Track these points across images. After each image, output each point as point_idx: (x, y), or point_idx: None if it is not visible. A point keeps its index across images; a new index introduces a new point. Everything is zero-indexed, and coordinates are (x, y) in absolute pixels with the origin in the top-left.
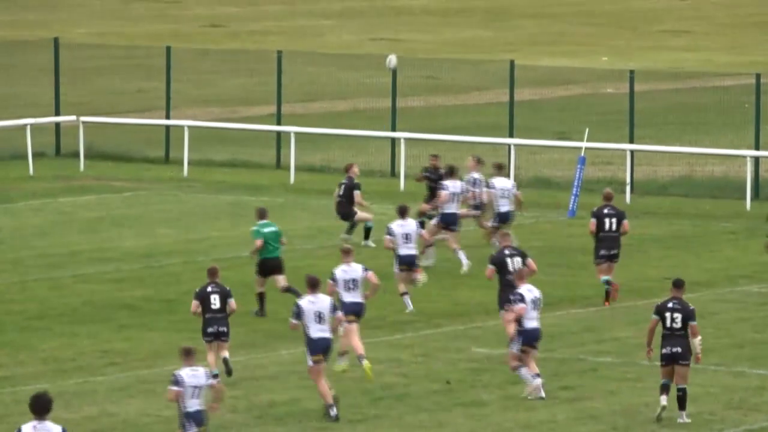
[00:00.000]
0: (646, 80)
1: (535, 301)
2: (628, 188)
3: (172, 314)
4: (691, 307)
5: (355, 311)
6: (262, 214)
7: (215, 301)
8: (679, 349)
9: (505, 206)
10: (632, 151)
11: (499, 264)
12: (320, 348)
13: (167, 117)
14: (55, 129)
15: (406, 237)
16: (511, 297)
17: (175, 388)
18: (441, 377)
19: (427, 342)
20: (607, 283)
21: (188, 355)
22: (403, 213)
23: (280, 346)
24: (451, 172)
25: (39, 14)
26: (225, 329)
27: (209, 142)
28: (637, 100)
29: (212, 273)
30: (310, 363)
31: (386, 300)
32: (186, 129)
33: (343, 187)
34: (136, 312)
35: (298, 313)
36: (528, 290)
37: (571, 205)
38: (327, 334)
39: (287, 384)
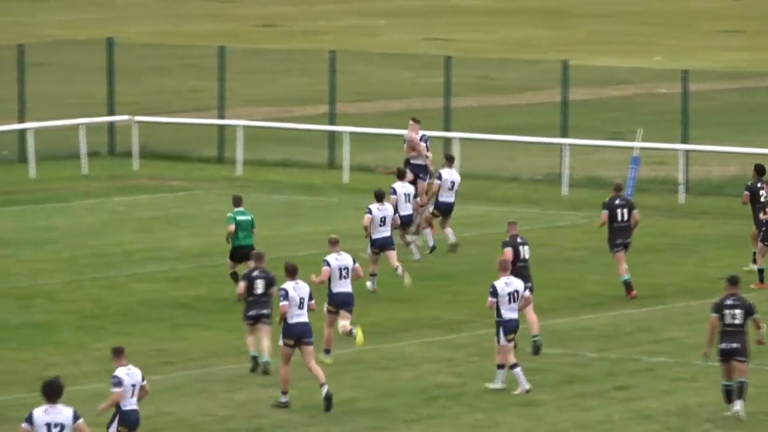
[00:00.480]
0: (699, 80)
1: (513, 294)
2: (682, 188)
3: (227, 313)
4: (750, 302)
5: (344, 301)
6: (236, 201)
7: (259, 286)
8: (737, 345)
9: (449, 197)
10: (686, 151)
11: (514, 249)
12: (295, 333)
13: (221, 117)
14: (109, 128)
15: (383, 221)
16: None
17: (118, 389)
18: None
19: (481, 341)
20: (627, 283)
21: (119, 355)
22: (380, 198)
23: (336, 345)
24: (450, 160)
25: (93, 14)
26: (266, 311)
27: (263, 141)
28: (691, 100)
29: (258, 258)
30: (281, 344)
31: (443, 300)
32: (240, 129)
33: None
34: (190, 311)
35: (286, 296)
36: (505, 283)
37: None
38: (305, 319)
39: (342, 383)
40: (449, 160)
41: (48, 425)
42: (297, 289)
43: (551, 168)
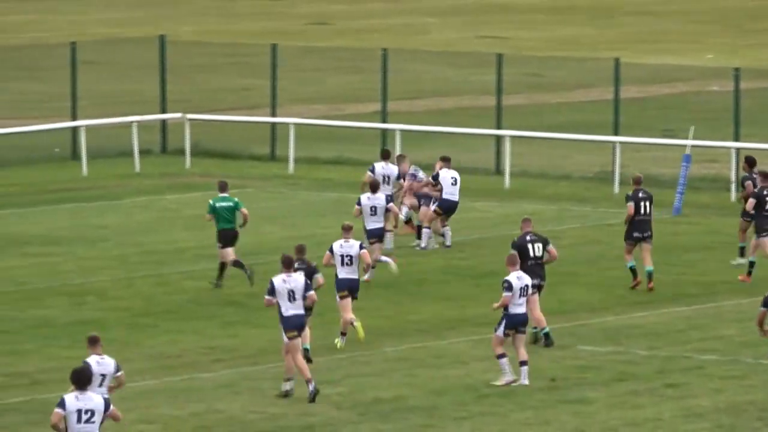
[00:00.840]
0: (751, 78)
1: (523, 289)
2: (733, 186)
3: (274, 311)
4: None
5: (349, 287)
6: (222, 187)
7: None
8: None
9: (453, 196)
10: (737, 149)
11: (521, 249)
12: (293, 325)
13: (273, 114)
14: (162, 126)
15: (374, 210)
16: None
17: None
18: (546, 375)
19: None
20: (633, 270)
21: (94, 344)
22: (374, 189)
23: (386, 342)
24: (446, 160)
25: (144, 11)
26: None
27: (314, 139)
28: (742, 98)
29: (300, 250)
30: (286, 340)
31: (490, 298)
32: (291, 126)
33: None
34: (241, 309)
35: (272, 290)
36: (517, 278)
37: (676, 203)
38: (300, 311)
39: (392, 381)
40: (446, 161)
41: (79, 412)
42: (288, 281)
43: (603, 166)
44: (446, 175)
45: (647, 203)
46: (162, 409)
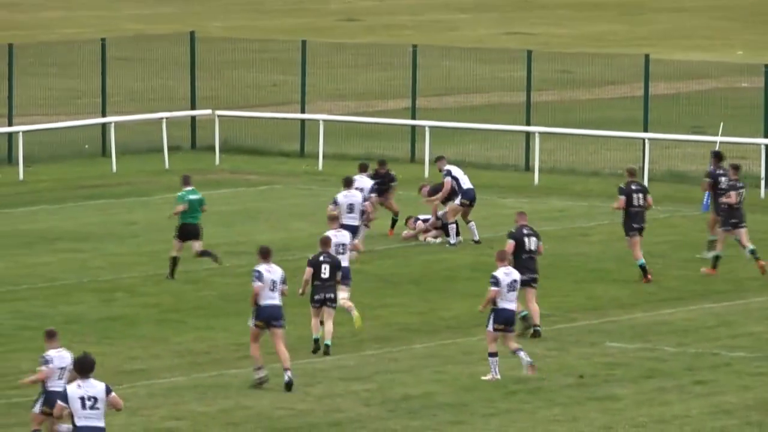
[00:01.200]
0: None
1: (511, 284)
2: (762, 183)
3: (305, 307)
4: None
5: (343, 275)
6: (186, 180)
7: (325, 271)
8: None
9: (471, 184)
10: (767, 146)
11: (518, 242)
12: (266, 315)
13: (302, 111)
14: (191, 123)
15: (350, 207)
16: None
17: (45, 368)
18: (574, 371)
19: (561, 336)
20: (643, 268)
21: (51, 338)
22: (348, 184)
23: (415, 339)
24: (440, 158)
25: (174, 8)
26: (332, 295)
27: (344, 135)
28: None
29: (325, 243)
30: (251, 325)
31: (519, 295)
32: (321, 123)
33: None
34: None
35: (260, 277)
36: (505, 273)
37: (705, 200)
38: (276, 302)
39: (421, 377)
40: (440, 159)
41: (82, 399)
42: (271, 271)
43: (632, 162)
44: (456, 168)
45: (640, 195)
46: (191, 405)
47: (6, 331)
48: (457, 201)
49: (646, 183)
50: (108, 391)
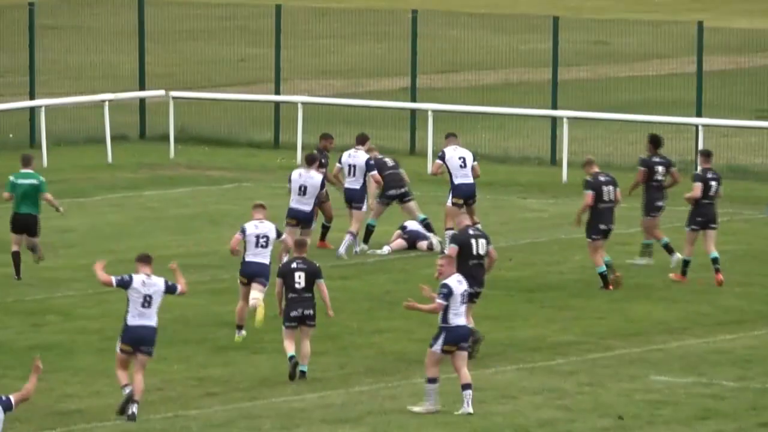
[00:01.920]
0: None
1: (463, 295)
2: None
3: (278, 333)
4: None
5: (260, 272)
6: (26, 161)
7: (300, 280)
8: None
9: (467, 178)
10: None
11: (463, 246)
12: (132, 338)
13: (277, 92)
14: (140, 106)
15: (302, 190)
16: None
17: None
18: (613, 412)
19: (594, 368)
20: (609, 266)
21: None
22: (310, 162)
23: (415, 371)
24: (450, 136)
25: None
26: (311, 312)
27: (329, 121)
28: None
29: (299, 246)
30: (118, 350)
31: (545, 316)
32: (300, 106)
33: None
34: (233, 331)
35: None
36: (458, 281)
37: None
38: (148, 322)
39: (423, 420)
40: (450, 136)
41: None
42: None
43: (683, 153)
44: (453, 155)
45: (610, 188)
46: None
47: None
48: (449, 200)
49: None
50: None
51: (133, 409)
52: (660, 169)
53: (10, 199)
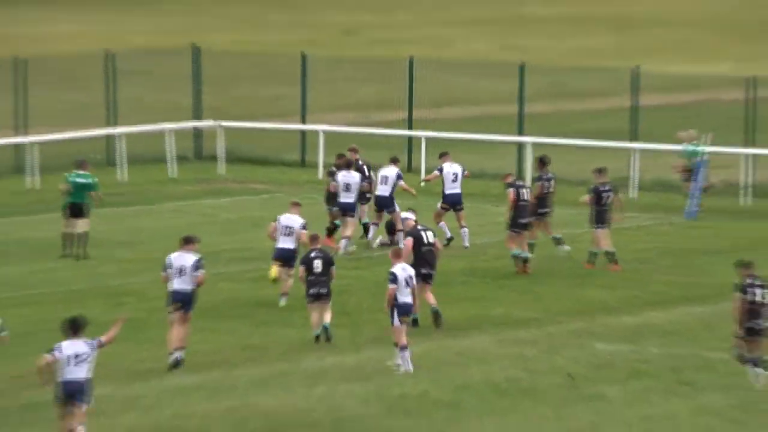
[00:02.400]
0: (767, 86)
1: (407, 279)
2: (747, 191)
3: (305, 310)
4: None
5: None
6: (79, 164)
7: (318, 266)
8: (762, 323)
9: (456, 189)
10: (751, 155)
11: (416, 237)
12: (176, 299)
13: (303, 122)
14: (196, 134)
15: (347, 187)
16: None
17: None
18: (564, 372)
19: (550, 338)
20: (520, 256)
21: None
22: (348, 166)
23: (412, 341)
24: (445, 155)
25: (178, 22)
26: (326, 290)
27: (343, 145)
28: (759, 106)
29: (314, 239)
30: (169, 311)
31: (511, 298)
32: (321, 134)
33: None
34: (273, 309)
35: (166, 266)
36: (402, 269)
37: (690, 208)
38: (186, 287)
39: (417, 378)
40: (444, 155)
41: (69, 357)
42: (179, 258)
43: (621, 171)
44: (449, 170)
45: (525, 191)
46: (198, 404)
47: (21, 334)
48: (439, 204)
49: (634, 192)
50: (95, 345)
51: (177, 355)
52: (550, 182)
53: (67, 191)
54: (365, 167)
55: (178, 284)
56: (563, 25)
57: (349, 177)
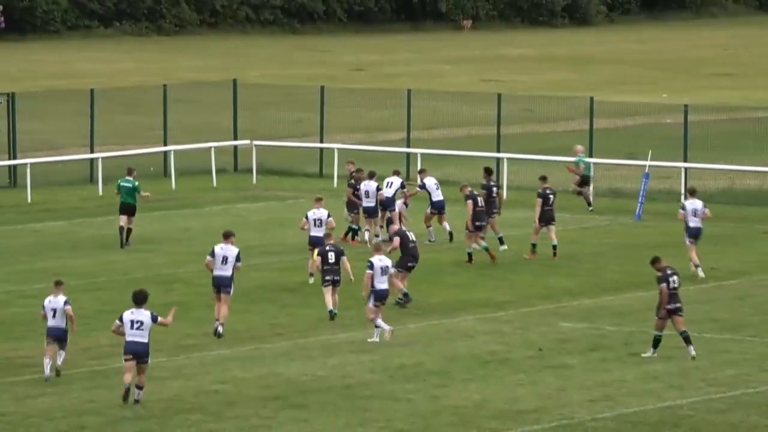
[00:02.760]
0: (697, 113)
1: (383, 268)
2: (683, 198)
3: (321, 297)
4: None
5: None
6: (128, 172)
7: (331, 257)
8: (679, 304)
9: (440, 197)
10: (686, 169)
11: (403, 236)
12: (217, 283)
13: (321, 141)
14: (234, 150)
15: (367, 194)
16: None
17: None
18: (535, 345)
19: (524, 318)
20: (487, 249)
21: (57, 285)
22: (371, 176)
23: (409, 320)
24: (422, 171)
25: (221, 60)
26: (338, 277)
27: (354, 160)
28: (690, 128)
29: (327, 236)
30: (214, 292)
31: (491, 285)
32: (336, 150)
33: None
34: (295, 294)
35: (211, 254)
36: (379, 259)
37: (637, 211)
38: (226, 273)
39: (414, 351)
40: (423, 171)
41: (132, 321)
42: (224, 249)
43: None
44: (431, 183)
45: (480, 199)
46: (234, 372)
47: (89, 315)
48: (428, 210)
49: (592, 198)
50: (154, 319)
51: (219, 330)
52: (493, 190)
53: (119, 195)
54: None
55: (220, 270)
56: (533, 63)
57: (369, 185)
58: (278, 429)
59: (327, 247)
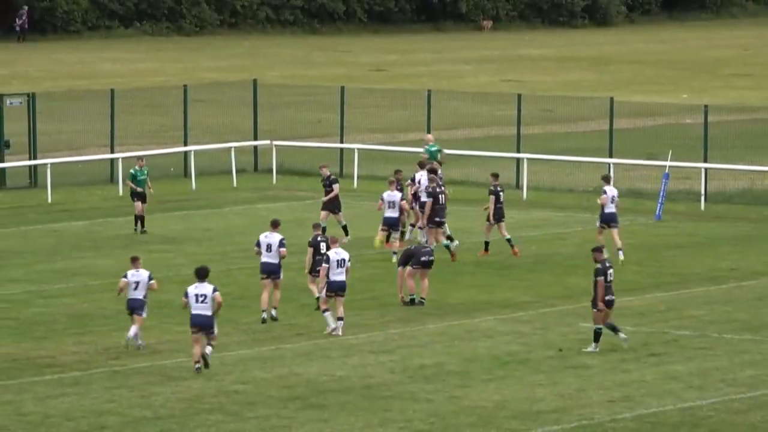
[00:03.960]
0: (717, 113)
1: (339, 261)
2: (702, 198)
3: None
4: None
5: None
6: (138, 160)
7: (324, 248)
8: (613, 297)
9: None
10: (706, 169)
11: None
12: (265, 270)
13: (341, 141)
14: (254, 151)
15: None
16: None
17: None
18: (555, 346)
19: (544, 318)
20: (448, 247)
21: (134, 261)
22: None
23: (429, 321)
24: (422, 166)
25: (241, 61)
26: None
27: (374, 160)
28: (710, 129)
29: (317, 227)
30: (262, 278)
31: (510, 285)
32: (356, 151)
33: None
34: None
35: (258, 244)
36: (335, 253)
37: (657, 211)
38: (273, 260)
39: (434, 351)
40: (430, 171)
41: (196, 295)
42: (268, 236)
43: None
44: (424, 180)
45: (442, 196)
46: (254, 372)
47: (109, 315)
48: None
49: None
50: (214, 290)
51: (265, 315)
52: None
53: (130, 184)
54: (332, 178)
55: (266, 258)
56: (553, 63)
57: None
58: (298, 429)
59: (319, 238)
